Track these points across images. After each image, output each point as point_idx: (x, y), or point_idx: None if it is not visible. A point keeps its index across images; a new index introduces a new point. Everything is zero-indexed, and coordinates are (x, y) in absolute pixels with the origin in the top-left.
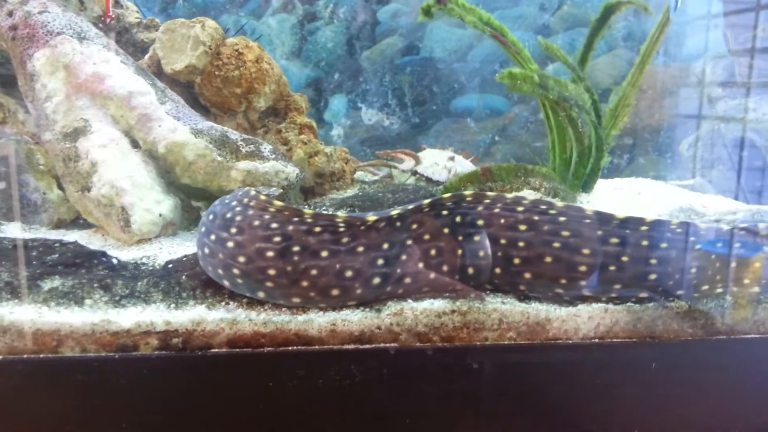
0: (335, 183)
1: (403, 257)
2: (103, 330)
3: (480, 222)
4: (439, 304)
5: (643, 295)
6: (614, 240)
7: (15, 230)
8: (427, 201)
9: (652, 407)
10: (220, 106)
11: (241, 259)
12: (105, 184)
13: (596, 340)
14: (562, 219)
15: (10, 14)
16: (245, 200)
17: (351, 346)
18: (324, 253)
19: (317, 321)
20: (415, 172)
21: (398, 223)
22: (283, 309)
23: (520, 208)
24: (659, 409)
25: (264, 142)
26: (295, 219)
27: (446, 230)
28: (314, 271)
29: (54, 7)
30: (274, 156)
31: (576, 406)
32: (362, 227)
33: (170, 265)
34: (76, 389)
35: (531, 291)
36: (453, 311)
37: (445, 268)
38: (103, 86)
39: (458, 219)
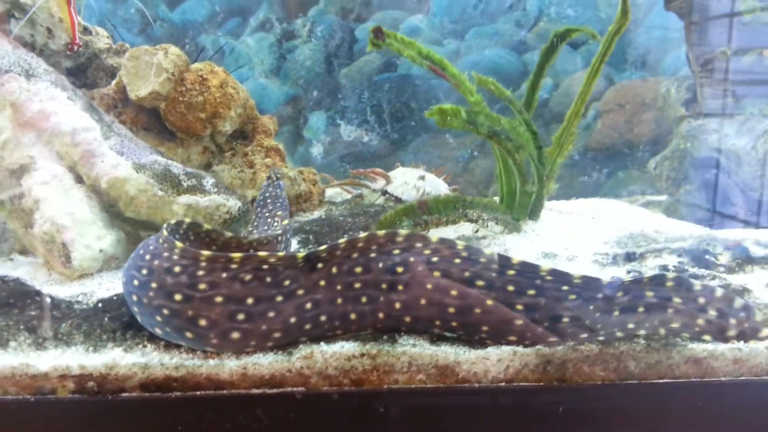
0: (302, 204)
1: (271, 314)
2: (23, 373)
3: (358, 269)
4: (349, 347)
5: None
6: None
7: None
8: (300, 255)
9: None
10: (185, 131)
11: (123, 279)
12: (46, 221)
13: (504, 384)
14: (434, 259)
15: None
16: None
17: (258, 390)
18: (177, 296)
19: (228, 365)
20: (385, 192)
21: (268, 279)
22: (197, 353)
23: (396, 250)
24: None
25: (207, 175)
26: (164, 254)
27: (323, 283)
28: (165, 311)
29: (5, 44)
30: (216, 190)
31: None
32: (223, 274)
33: (99, 305)
34: None
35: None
36: (362, 354)
37: (323, 318)
38: (48, 123)
39: (334, 270)
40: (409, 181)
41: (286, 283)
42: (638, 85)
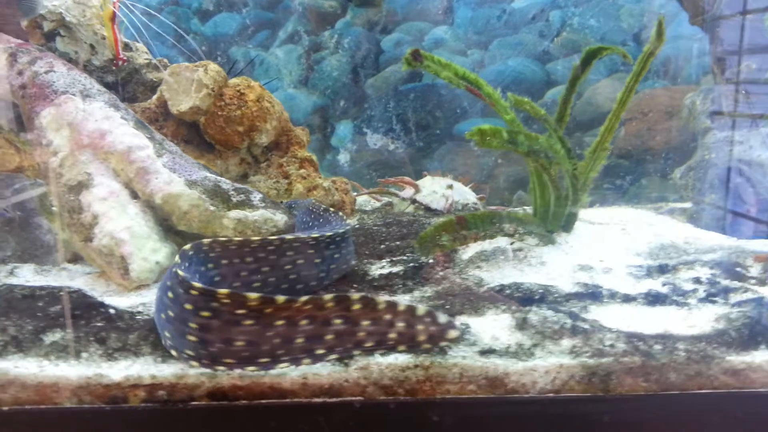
0: None
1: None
2: (97, 383)
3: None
4: (402, 359)
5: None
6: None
7: (28, 273)
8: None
9: None
10: (223, 144)
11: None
12: (105, 236)
13: (551, 395)
14: None
15: (20, 73)
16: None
17: (319, 399)
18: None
19: (290, 374)
20: (414, 201)
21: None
22: None
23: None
24: None
25: (254, 191)
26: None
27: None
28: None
29: (60, 66)
30: (263, 204)
31: None
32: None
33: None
34: None
35: None
36: (416, 365)
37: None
38: (104, 142)
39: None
40: (438, 190)
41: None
42: (661, 93)
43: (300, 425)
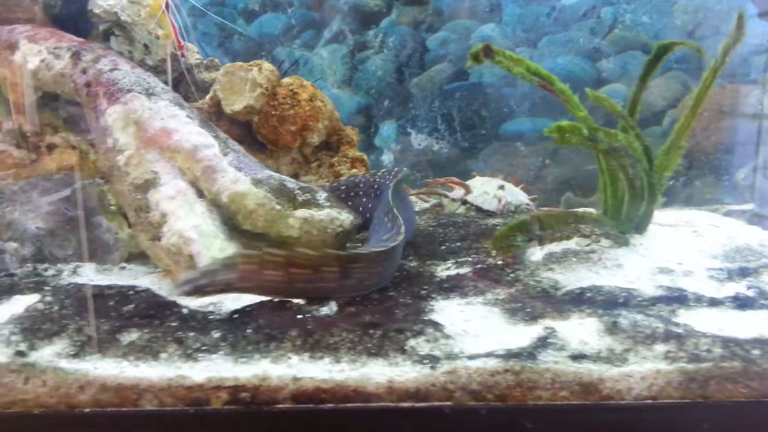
0: None
1: None
2: (178, 384)
3: None
4: (492, 363)
5: None
6: None
7: (90, 271)
8: None
9: None
10: (275, 143)
11: None
12: (174, 234)
13: (649, 401)
14: None
15: (84, 72)
16: None
17: (406, 404)
18: None
19: (375, 378)
20: (465, 202)
21: None
22: (343, 363)
23: None
24: None
25: (319, 190)
26: None
27: None
28: None
29: (123, 64)
30: (329, 204)
31: None
32: None
33: (235, 316)
34: None
35: None
36: (506, 370)
37: None
38: (170, 140)
39: None
40: (489, 191)
41: None
42: (716, 92)
43: (386, 430)
